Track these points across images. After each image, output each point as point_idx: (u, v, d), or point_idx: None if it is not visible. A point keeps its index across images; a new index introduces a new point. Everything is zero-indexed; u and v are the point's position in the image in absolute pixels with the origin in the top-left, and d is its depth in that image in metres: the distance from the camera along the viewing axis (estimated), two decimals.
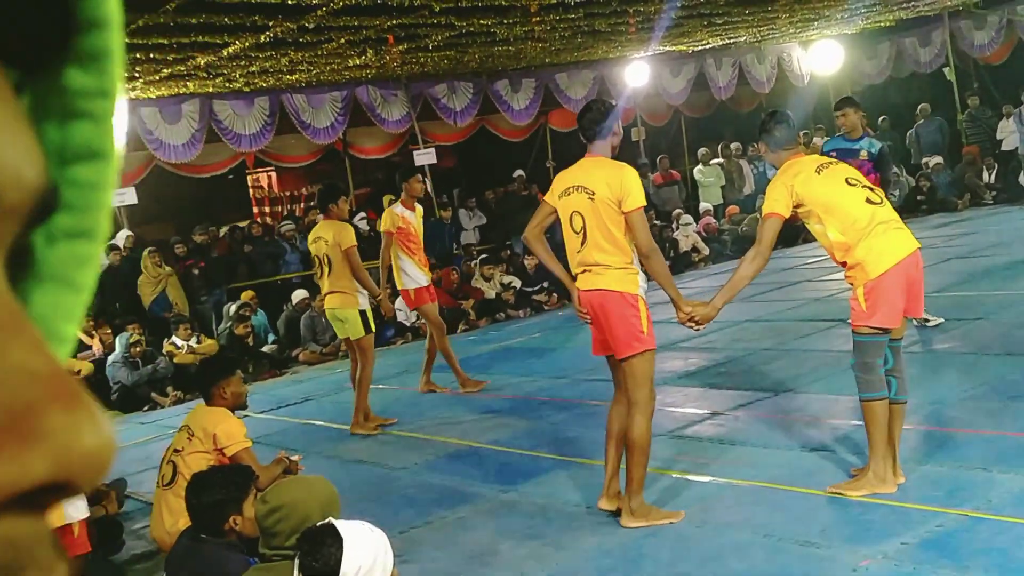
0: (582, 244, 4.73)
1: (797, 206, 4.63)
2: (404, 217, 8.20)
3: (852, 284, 4.56)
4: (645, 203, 4.74)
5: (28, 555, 0.37)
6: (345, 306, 7.59)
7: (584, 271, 4.77)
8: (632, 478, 4.66)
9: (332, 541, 2.62)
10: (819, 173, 4.64)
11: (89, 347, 11.15)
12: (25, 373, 0.37)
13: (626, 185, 4.64)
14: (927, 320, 8.13)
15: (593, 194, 4.66)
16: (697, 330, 4.93)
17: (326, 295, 7.78)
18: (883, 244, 4.47)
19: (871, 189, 4.68)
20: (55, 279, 0.43)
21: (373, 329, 7.82)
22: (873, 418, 4.54)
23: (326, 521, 2.73)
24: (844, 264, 4.60)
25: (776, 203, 4.62)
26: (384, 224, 8.24)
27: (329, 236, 7.54)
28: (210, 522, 3.56)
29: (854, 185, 4.62)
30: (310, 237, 8.07)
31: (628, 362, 4.64)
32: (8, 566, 0.36)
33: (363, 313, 7.65)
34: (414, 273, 8.27)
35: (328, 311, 7.92)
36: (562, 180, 4.92)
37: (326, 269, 7.59)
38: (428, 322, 8.63)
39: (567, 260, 4.92)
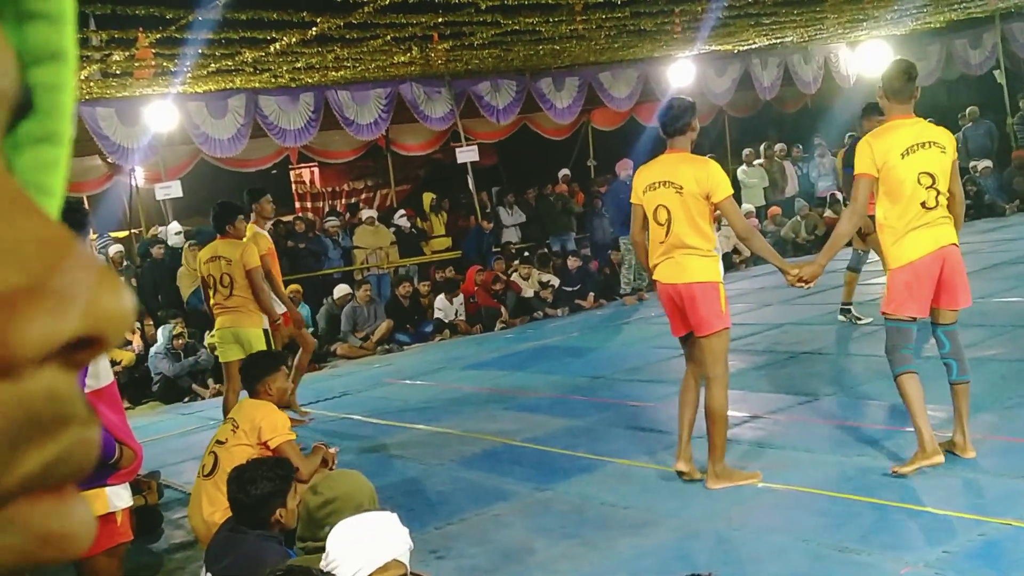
0: (666, 234, 4.97)
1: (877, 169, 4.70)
2: (268, 236, 7.86)
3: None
4: (732, 191, 5.00)
5: (70, 409, 0.39)
6: (250, 325, 7.27)
7: (667, 259, 5.02)
8: (714, 445, 5.04)
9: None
10: (903, 158, 4.66)
11: (130, 342, 11.32)
12: (40, 241, 0.39)
13: (713, 178, 4.89)
14: (859, 318, 8.69)
15: (681, 188, 4.89)
16: (808, 288, 5.11)
17: (221, 314, 7.35)
18: (907, 243, 4.68)
19: (936, 192, 4.66)
20: (26, 185, 0.44)
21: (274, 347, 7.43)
22: (902, 392, 4.79)
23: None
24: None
25: (864, 165, 4.70)
26: (261, 249, 7.53)
27: (233, 256, 7.24)
28: (257, 515, 3.59)
29: (921, 184, 4.65)
30: (202, 256, 7.52)
31: (708, 340, 4.99)
32: (53, 419, 0.38)
33: (266, 332, 7.38)
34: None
35: (224, 331, 7.39)
36: (644, 176, 5.11)
37: (224, 290, 7.29)
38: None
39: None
